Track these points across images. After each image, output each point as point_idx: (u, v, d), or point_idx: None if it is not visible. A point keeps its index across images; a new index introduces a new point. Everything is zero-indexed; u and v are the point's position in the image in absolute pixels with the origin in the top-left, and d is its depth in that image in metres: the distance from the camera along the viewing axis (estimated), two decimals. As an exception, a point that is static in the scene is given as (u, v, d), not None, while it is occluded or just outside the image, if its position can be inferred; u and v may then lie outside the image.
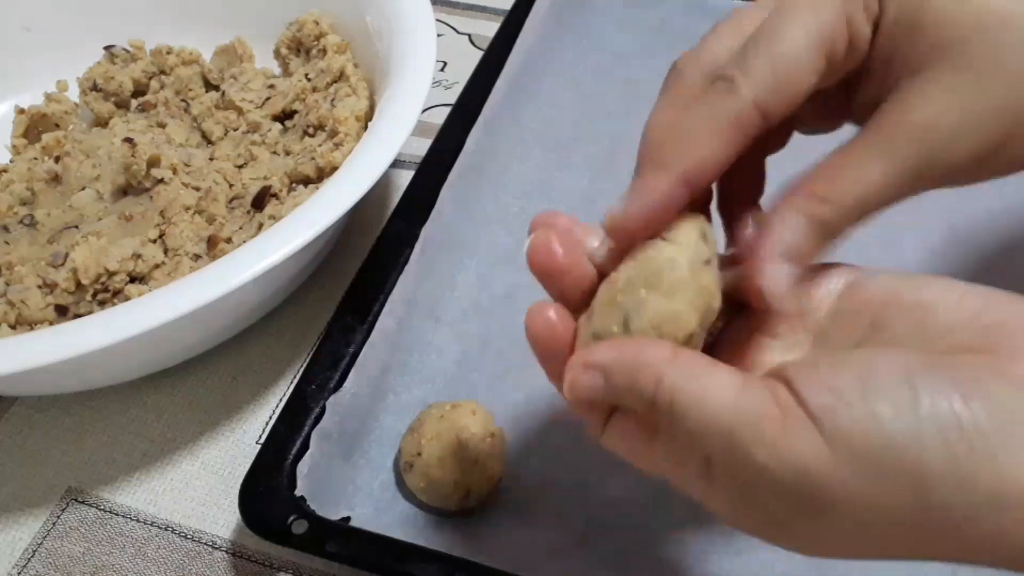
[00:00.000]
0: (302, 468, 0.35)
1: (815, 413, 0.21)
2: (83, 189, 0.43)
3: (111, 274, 0.39)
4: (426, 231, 0.43)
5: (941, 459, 0.20)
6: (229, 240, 0.42)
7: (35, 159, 0.46)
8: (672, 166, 0.24)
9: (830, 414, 0.20)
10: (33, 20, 0.52)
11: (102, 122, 0.49)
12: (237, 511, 0.34)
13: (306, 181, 0.44)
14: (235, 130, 0.48)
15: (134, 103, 0.50)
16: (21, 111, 0.49)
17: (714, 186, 0.27)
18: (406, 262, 0.41)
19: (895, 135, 0.24)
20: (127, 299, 0.38)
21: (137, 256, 0.39)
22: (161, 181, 0.42)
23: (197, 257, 0.41)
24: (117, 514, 0.38)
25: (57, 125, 0.49)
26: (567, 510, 0.36)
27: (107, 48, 0.51)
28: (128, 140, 0.43)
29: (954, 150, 0.24)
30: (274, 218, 0.41)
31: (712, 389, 0.22)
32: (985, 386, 0.20)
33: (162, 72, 0.51)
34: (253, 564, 0.36)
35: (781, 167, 0.28)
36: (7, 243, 0.42)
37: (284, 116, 0.48)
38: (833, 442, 0.20)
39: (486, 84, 0.50)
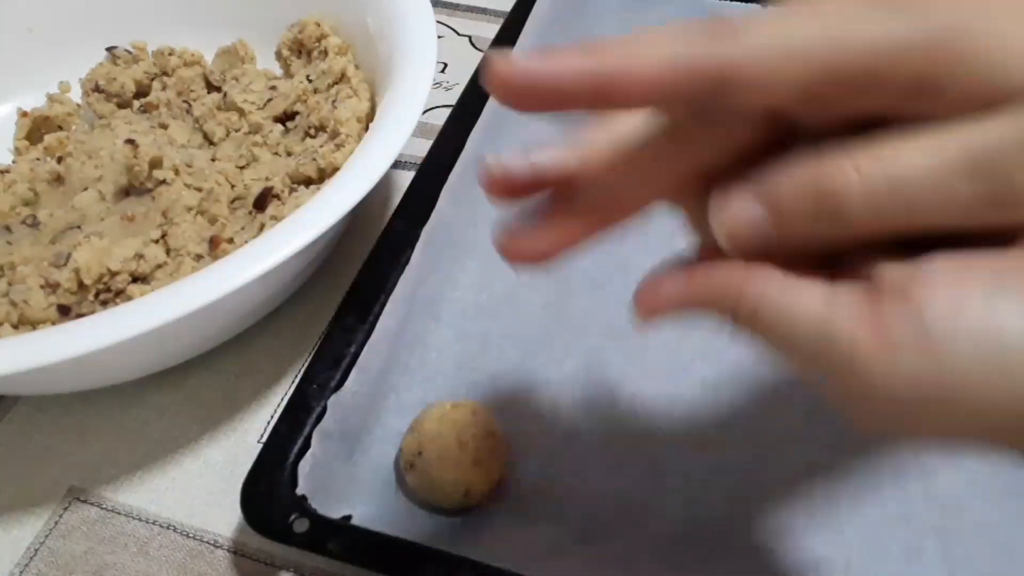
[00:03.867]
0: (303, 467, 0.35)
1: (929, 323, 0.18)
2: (85, 190, 0.43)
3: (113, 274, 0.39)
4: (426, 231, 0.43)
5: None
6: (231, 240, 0.42)
7: (37, 160, 0.46)
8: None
9: (949, 325, 0.18)
10: (35, 21, 0.52)
11: (104, 123, 0.49)
12: (239, 510, 0.34)
13: (307, 182, 0.44)
14: (237, 131, 0.48)
15: (136, 104, 0.51)
16: (24, 114, 0.49)
17: None
18: (407, 262, 0.42)
19: None
20: (129, 299, 0.39)
21: (139, 256, 0.39)
22: (163, 182, 0.42)
23: (199, 257, 0.41)
24: (119, 513, 0.38)
25: (60, 127, 0.49)
26: (567, 510, 0.36)
27: (109, 49, 0.52)
28: (130, 141, 0.43)
29: None
30: (276, 219, 0.41)
31: (797, 299, 0.20)
32: None
33: (164, 73, 0.51)
34: (255, 563, 0.36)
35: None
36: (10, 243, 0.42)
37: (285, 117, 0.48)
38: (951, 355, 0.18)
39: (486, 85, 0.50)
